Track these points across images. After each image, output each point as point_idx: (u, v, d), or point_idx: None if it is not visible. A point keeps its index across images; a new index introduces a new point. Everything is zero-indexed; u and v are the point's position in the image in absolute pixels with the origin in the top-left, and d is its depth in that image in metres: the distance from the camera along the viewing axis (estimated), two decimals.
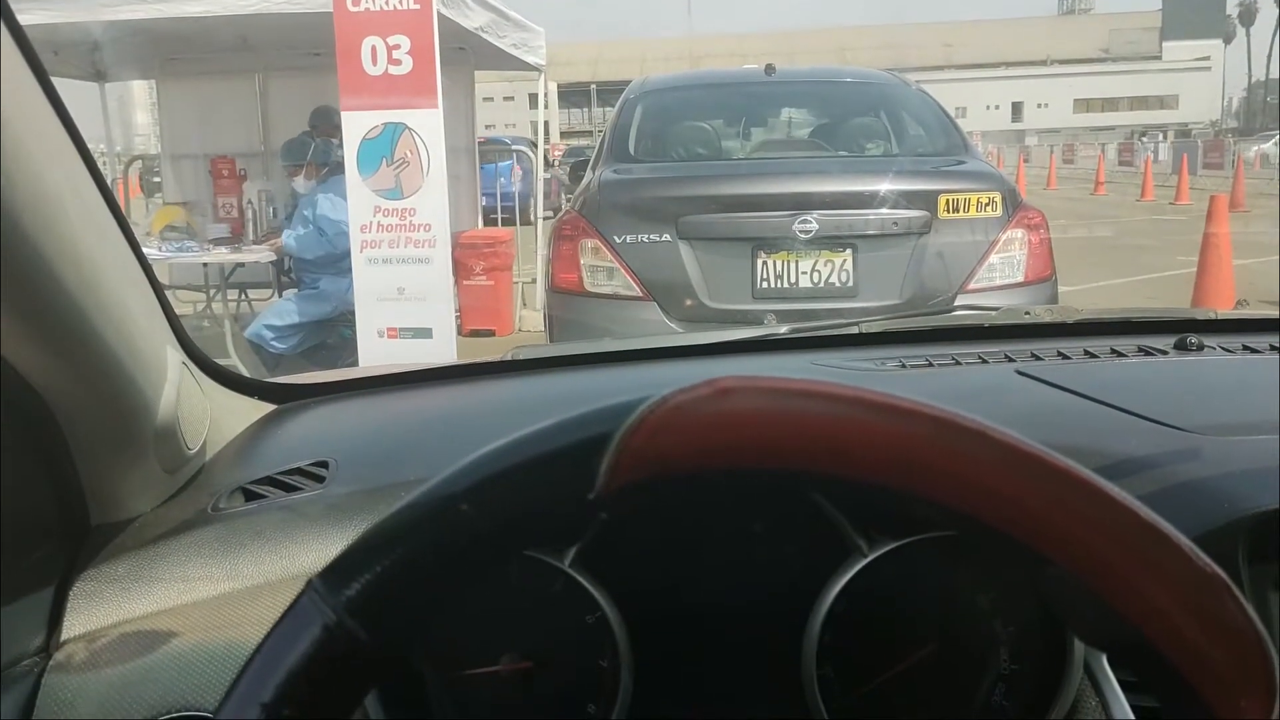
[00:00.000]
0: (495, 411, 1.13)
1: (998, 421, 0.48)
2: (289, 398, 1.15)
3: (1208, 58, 77.05)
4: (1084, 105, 75.31)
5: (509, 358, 1.27)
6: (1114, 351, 1.16)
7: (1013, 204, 3.84)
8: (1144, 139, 41.67)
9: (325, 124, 5.89)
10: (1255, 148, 27.17)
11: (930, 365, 1.14)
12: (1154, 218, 15.82)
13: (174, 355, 0.90)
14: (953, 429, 0.48)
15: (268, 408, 1.13)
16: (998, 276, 3.83)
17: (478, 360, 1.30)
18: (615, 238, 3.76)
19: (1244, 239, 8.17)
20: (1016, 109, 74.82)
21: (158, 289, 0.91)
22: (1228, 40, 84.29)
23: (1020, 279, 3.84)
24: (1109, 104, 75.31)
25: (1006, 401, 1.02)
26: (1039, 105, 74.74)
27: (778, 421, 0.48)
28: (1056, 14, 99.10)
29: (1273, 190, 19.83)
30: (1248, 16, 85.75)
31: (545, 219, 6.99)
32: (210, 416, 0.98)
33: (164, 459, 0.87)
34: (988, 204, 3.80)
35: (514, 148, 9.72)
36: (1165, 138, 43.55)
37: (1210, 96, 77.22)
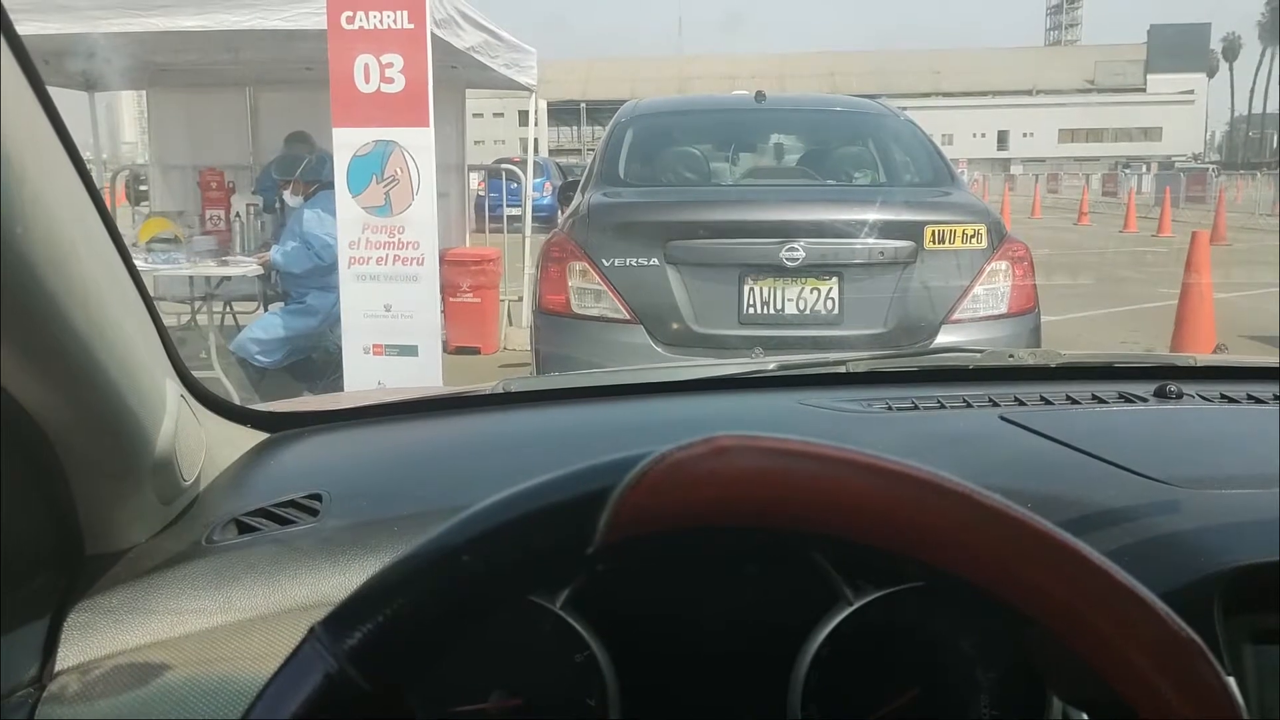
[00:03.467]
0: (487, 446, 1.14)
1: (981, 470, 0.50)
2: (282, 426, 1.16)
3: (1191, 91, 77.99)
4: (1069, 135, 76.07)
5: (500, 389, 1.29)
6: (1095, 398, 1.18)
7: (997, 236, 3.88)
8: (1127, 169, 42.00)
9: (298, 144, 5.93)
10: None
11: (916, 408, 1.16)
12: (1136, 249, 15.97)
13: (173, 387, 0.90)
14: (940, 492, 0.50)
15: (261, 436, 1.14)
16: (982, 308, 3.86)
17: (470, 391, 1.31)
18: (604, 260, 3.78)
19: (1225, 273, 8.26)
20: (1002, 137, 75.49)
21: (158, 321, 0.91)
22: (1211, 74, 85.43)
23: (1004, 310, 3.88)
24: (1093, 134, 76.10)
25: (990, 449, 1.04)
26: (1024, 134, 75.46)
27: (773, 481, 0.50)
28: (1043, 44, 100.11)
29: (1254, 225, 20.04)
30: (1231, 51, 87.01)
31: None
32: (206, 447, 0.99)
33: (160, 490, 0.88)
34: (973, 236, 3.84)
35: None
36: (1149, 169, 43.97)
37: (1193, 129, 78.14)
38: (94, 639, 0.77)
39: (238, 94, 7.16)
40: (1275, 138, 79.36)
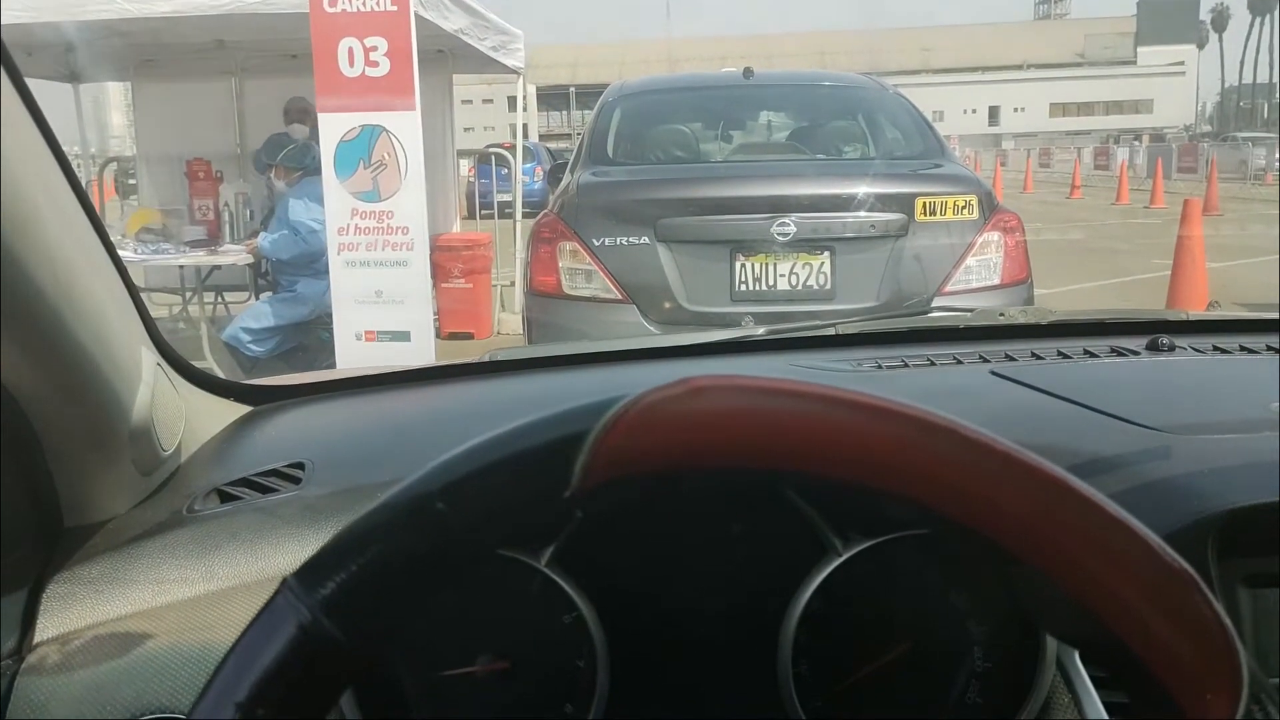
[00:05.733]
0: (472, 412, 1.13)
1: (971, 421, 0.49)
2: (265, 399, 1.15)
3: (1182, 63, 77.84)
4: (1060, 109, 75.94)
5: (486, 359, 1.28)
6: (1087, 352, 1.17)
7: (989, 207, 3.87)
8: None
9: (296, 109, 5.96)
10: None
11: (906, 366, 1.15)
12: (1129, 221, 15.96)
13: (149, 356, 0.89)
14: (924, 426, 0.48)
15: (244, 409, 1.12)
16: (974, 279, 3.85)
17: (455, 361, 1.30)
18: (594, 240, 3.77)
19: (1217, 242, 8.25)
20: (993, 113, 75.36)
21: (132, 290, 0.90)
22: (1201, 46, 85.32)
23: (996, 281, 3.87)
24: (1085, 108, 75.97)
25: (980, 401, 1.03)
26: (1015, 109, 75.31)
27: (750, 420, 0.49)
28: (1032, 19, 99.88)
29: (1246, 194, 20.05)
30: (1220, 22, 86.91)
31: None
32: (186, 418, 0.97)
33: (139, 461, 0.87)
34: (964, 207, 3.83)
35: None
36: (1140, 142, 43.86)
37: (1184, 101, 78.04)
38: (74, 610, 0.76)
39: (223, 83, 7.11)
40: (1266, 108, 79.39)
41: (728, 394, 0.49)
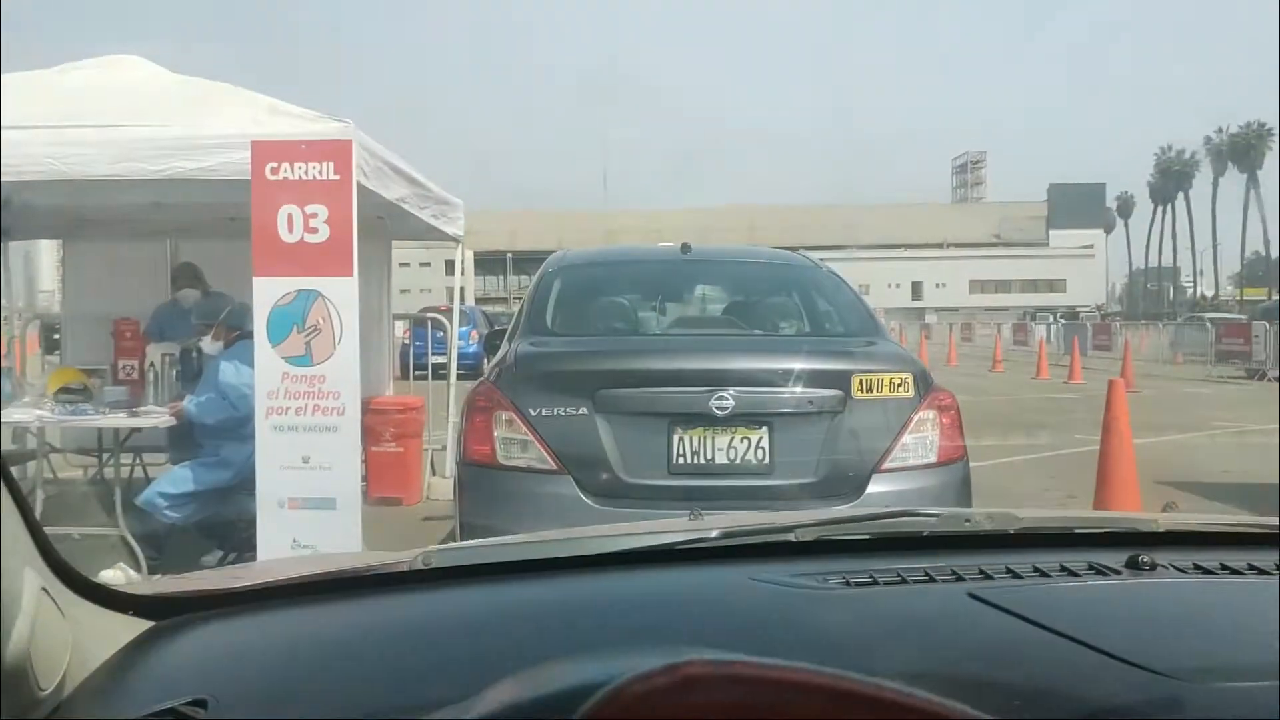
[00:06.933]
0: (403, 635, 1.01)
1: (956, 657, 0.42)
2: (167, 613, 1.02)
3: (1091, 246, 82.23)
4: (979, 286, 79.32)
5: (421, 564, 1.16)
6: (1064, 569, 1.11)
7: (924, 385, 3.90)
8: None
9: (184, 278, 6.13)
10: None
11: (875, 583, 1.07)
12: (1050, 396, 16.42)
13: (31, 579, 0.78)
14: None
15: (143, 625, 1.00)
16: (911, 456, 3.85)
17: (386, 567, 1.19)
18: (530, 410, 3.71)
19: (1138, 419, 8.47)
20: (916, 288, 78.39)
21: (19, 498, 0.80)
22: (1109, 230, 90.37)
23: (933, 460, 3.87)
24: (1002, 285, 79.48)
25: (964, 633, 0.95)
26: (937, 285, 78.53)
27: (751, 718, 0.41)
28: (950, 201, 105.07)
29: (1160, 372, 20.83)
30: (1125, 209, 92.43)
31: None
32: (71, 646, 0.85)
33: (11, 705, 0.74)
34: (900, 385, 3.85)
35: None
36: (1055, 319, 45.71)
37: (1095, 281, 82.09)
38: None
39: (158, 244, 7.05)
40: (1171, 290, 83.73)
41: (724, 686, 0.41)
